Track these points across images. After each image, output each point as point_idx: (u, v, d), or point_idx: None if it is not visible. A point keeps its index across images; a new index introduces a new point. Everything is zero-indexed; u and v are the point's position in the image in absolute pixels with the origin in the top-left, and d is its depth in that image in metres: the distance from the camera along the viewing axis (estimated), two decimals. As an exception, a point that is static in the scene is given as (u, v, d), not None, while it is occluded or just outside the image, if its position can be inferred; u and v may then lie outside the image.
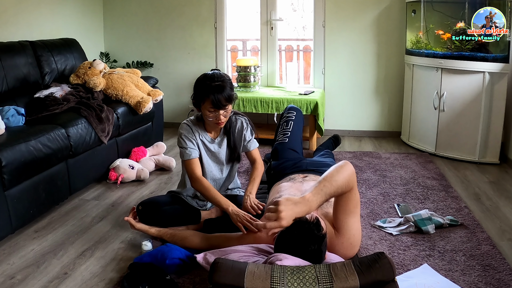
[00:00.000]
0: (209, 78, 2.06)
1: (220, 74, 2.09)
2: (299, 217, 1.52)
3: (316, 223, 1.52)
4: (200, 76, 2.12)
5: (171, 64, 4.38)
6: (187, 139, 2.14)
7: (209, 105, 2.02)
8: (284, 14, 4.41)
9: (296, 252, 1.48)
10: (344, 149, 3.67)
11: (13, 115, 2.55)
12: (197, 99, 2.08)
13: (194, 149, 2.14)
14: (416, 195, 2.65)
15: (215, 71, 2.13)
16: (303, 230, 1.50)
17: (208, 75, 2.09)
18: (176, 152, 3.62)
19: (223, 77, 2.08)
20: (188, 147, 2.13)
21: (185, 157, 2.12)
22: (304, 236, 1.49)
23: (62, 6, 3.80)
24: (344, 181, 1.65)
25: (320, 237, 1.50)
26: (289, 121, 2.68)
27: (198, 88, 2.07)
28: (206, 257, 1.74)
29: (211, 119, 2.07)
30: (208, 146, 2.21)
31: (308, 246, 1.48)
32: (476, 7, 3.07)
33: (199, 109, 2.11)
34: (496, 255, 1.96)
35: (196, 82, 2.11)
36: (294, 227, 1.51)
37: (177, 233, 2.08)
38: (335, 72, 4.05)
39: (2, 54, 2.81)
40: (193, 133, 2.16)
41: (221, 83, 2.03)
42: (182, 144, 2.14)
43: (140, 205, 2.20)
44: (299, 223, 1.51)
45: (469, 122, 3.25)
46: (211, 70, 2.17)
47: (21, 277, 1.87)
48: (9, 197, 2.12)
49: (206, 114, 2.06)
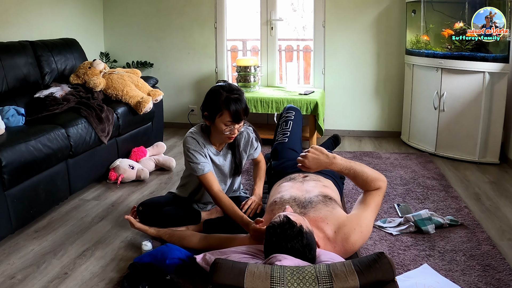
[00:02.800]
0: (227, 90, 1.96)
1: (236, 87, 2.01)
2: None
3: (286, 221, 1.54)
4: (214, 87, 2.01)
5: (171, 64, 4.38)
6: (197, 153, 2.04)
7: (227, 118, 1.94)
8: (284, 14, 4.41)
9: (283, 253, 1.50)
10: (344, 149, 3.67)
11: (13, 115, 2.55)
12: (213, 112, 1.97)
13: (206, 162, 2.06)
14: (416, 195, 2.65)
15: (227, 82, 2.04)
16: (279, 235, 1.52)
17: (225, 87, 1.99)
18: (176, 152, 3.62)
19: (240, 89, 2.01)
20: (200, 162, 2.03)
21: (199, 172, 2.03)
22: (282, 239, 1.51)
23: (62, 6, 3.80)
24: (371, 174, 1.84)
25: (296, 233, 1.52)
26: (289, 121, 2.68)
27: (214, 99, 1.96)
28: (206, 257, 1.74)
29: (227, 133, 1.99)
30: (213, 158, 2.14)
31: (292, 245, 1.50)
32: (476, 7, 3.07)
33: (211, 121, 2.01)
34: (496, 255, 1.96)
35: (210, 93, 2.01)
36: (271, 235, 1.54)
37: (176, 233, 2.08)
38: (335, 72, 4.05)
39: (2, 54, 2.81)
40: (200, 145, 2.07)
41: (238, 96, 1.96)
42: (192, 160, 2.04)
43: (140, 205, 2.20)
44: (272, 229, 1.54)
45: (469, 122, 3.25)
46: (221, 81, 2.09)
47: (21, 277, 1.87)
48: (9, 197, 2.12)
49: (221, 127, 1.97)
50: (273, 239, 1.53)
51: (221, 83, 2.05)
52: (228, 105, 1.93)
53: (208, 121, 2.02)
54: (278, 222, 1.55)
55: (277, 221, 1.56)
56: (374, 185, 1.84)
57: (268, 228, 1.56)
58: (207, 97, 2.02)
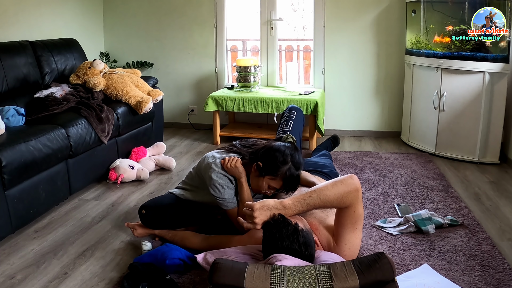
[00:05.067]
0: (292, 158, 1.89)
1: (299, 157, 1.92)
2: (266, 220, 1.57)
3: (282, 221, 1.54)
4: (283, 150, 1.90)
5: (171, 64, 4.38)
6: (228, 189, 1.98)
7: (277, 184, 1.90)
8: (284, 14, 4.41)
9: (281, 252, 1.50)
10: (344, 149, 3.67)
11: (13, 115, 2.55)
12: (267, 170, 1.89)
13: (234, 199, 2.01)
14: (416, 195, 2.65)
15: (295, 146, 1.95)
16: (271, 233, 1.53)
17: (294, 158, 1.89)
18: (176, 152, 3.63)
19: (302, 160, 1.93)
20: (227, 199, 1.98)
21: (223, 207, 2.00)
22: (275, 237, 1.51)
23: (62, 6, 3.80)
24: (337, 197, 1.61)
25: (291, 232, 1.52)
26: (289, 121, 2.68)
27: (275, 162, 1.88)
28: (206, 257, 1.74)
29: (264, 191, 1.94)
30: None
31: (290, 245, 1.50)
32: (476, 7, 3.07)
33: (259, 173, 1.92)
34: (496, 255, 1.96)
35: (273, 150, 1.91)
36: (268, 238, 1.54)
37: (177, 233, 2.08)
38: (335, 72, 4.05)
39: (2, 54, 2.81)
40: (231, 181, 1.99)
41: (298, 169, 1.90)
42: (220, 196, 1.97)
43: (143, 209, 2.13)
44: (269, 232, 1.54)
45: (469, 122, 3.25)
46: (288, 139, 2.03)
47: (21, 277, 1.87)
48: (9, 197, 2.12)
49: (263, 186, 1.92)
50: (269, 238, 1.54)
51: (290, 146, 1.95)
52: (286, 177, 1.88)
53: (257, 171, 1.94)
54: (273, 221, 1.56)
55: (272, 221, 1.56)
56: (344, 203, 1.64)
57: (263, 228, 1.57)
58: (270, 153, 1.91)
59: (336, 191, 1.62)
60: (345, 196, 1.62)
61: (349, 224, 1.71)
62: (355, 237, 1.74)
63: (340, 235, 1.73)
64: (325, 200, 1.61)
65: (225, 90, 3.98)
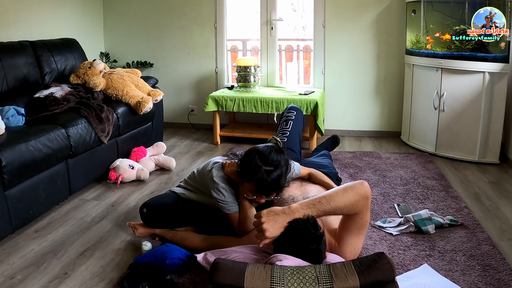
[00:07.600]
0: (262, 158, 1.80)
1: (277, 157, 1.81)
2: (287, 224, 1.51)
3: (313, 222, 1.51)
4: (254, 149, 1.86)
5: (171, 64, 4.38)
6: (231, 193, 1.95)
7: (252, 187, 1.83)
8: (284, 14, 4.41)
9: (295, 252, 1.48)
10: (344, 149, 3.67)
11: (13, 115, 2.55)
12: (243, 174, 1.84)
13: (236, 203, 1.98)
14: (416, 195, 2.65)
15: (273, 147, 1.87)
16: (300, 230, 1.49)
17: (263, 152, 1.82)
18: (176, 152, 3.63)
19: (279, 161, 1.81)
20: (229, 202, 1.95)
21: (226, 211, 1.97)
22: (301, 237, 1.48)
23: (62, 6, 3.80)
24: (347, 204, 1.57)
25: (318, 236, 1.50)
26: (289, 121, 2.68)
27: (247, 163, 1.82)
28: (207, 257, 1.74)
29: (250, 198, 1.89)
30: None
31: (307, 246, 1.48)
32: (476, 7, 3.07)
33: (239, 180, 1.90)
34: (496, 255, 1.96)
35: (247, 153, 1.87)
36: (291, 229, 1.50)
37: (177, 233, 2.08)
38: (335, 72, 4.05)
39: (2, 54, 2.81)
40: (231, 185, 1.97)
41: (273, 169, 1.79)
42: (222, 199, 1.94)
43: (144, 207, 2.12)
44: (296, 223, 1.50)
45: (469, 122, 3.25)
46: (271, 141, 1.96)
47: (21, 277, 1.87)
48: (9, 197, 2.12)
49: (246, 192, 1.87)
50: (292, 233, 1.49)
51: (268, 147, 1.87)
52: (254, 175, 1.79)
53: (239, 178, 1.90)
54: (305, 219, 1.51)
55: (302, 218, 1.52)
56: (354, 210, 1.61)
57: (290, 222, 1.51)
58: (244, 156, 1.88)
59: (346, 198, 1.58)
60: (355, 204, 1.59)
61: (355, 229, 1.70)
62: (358, 242, 1.74)
63: (344, 239, 1.73)
64: (336, 207, 1.57)
65: (225, 90, 3.99)
